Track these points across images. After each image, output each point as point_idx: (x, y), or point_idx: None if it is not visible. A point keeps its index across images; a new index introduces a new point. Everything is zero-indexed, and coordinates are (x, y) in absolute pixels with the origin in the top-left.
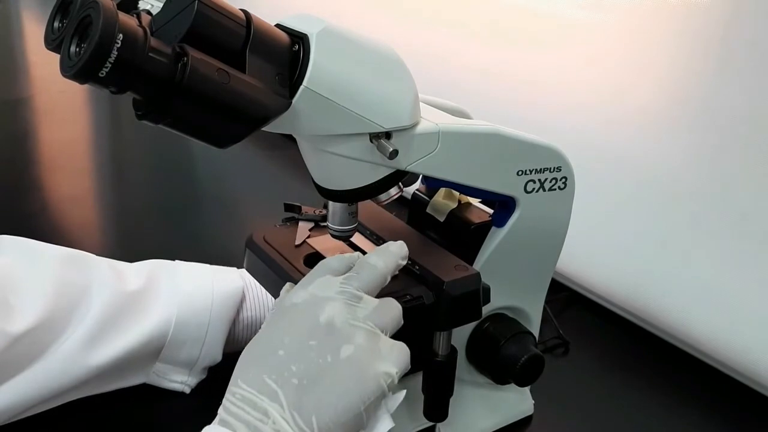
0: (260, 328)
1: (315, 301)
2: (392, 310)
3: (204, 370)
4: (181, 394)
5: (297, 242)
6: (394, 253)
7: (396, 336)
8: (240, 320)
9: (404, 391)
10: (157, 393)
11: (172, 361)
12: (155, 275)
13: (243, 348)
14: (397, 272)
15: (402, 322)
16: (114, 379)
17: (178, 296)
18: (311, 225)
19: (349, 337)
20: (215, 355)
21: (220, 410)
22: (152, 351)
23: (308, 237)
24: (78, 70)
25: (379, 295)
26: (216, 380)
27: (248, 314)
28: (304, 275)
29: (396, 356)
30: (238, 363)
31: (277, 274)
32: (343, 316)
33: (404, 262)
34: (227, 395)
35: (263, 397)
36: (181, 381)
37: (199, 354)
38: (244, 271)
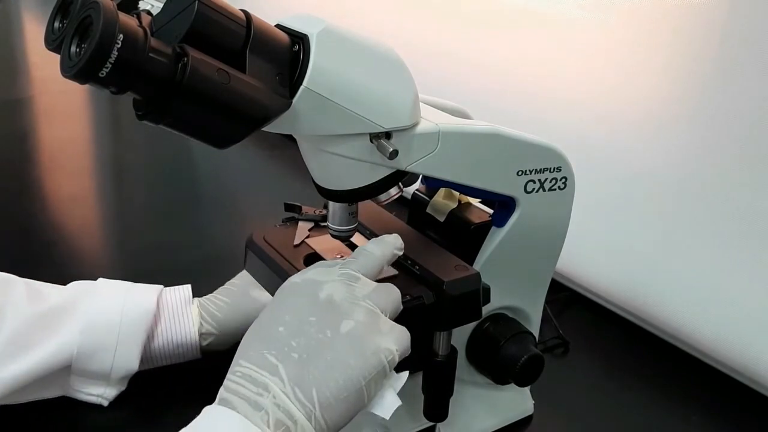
0: (175, 347)
1: (315, 281)
2: (391, 293)
3: (121, 382)
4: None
5: (296, 242)
6: (390, 243)
7: None
8: (155, 337)
9: (407, 372)
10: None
11: (83, 372)
12: (73, 295)
13: (160, 364)
14: (392, 261)
15: (401, 306)
16: (28, 392)
17: (88, 313)
18: (311, 225)
19: (348, 313)
20: (129, 365)
21: (221, 390)
22: (61, 365)
23: (307, 237)
24: (78, 71)
25: None
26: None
27: (164, 331)
28: None
29: (397, 335)
30: (240, 345)
31: (277, 274)
32: (342, 294)
33: (400, 253)
34: (228, 375)
35: (263, 372)
36: (98, 394)
37: (111, 365)
38: (166, 291)
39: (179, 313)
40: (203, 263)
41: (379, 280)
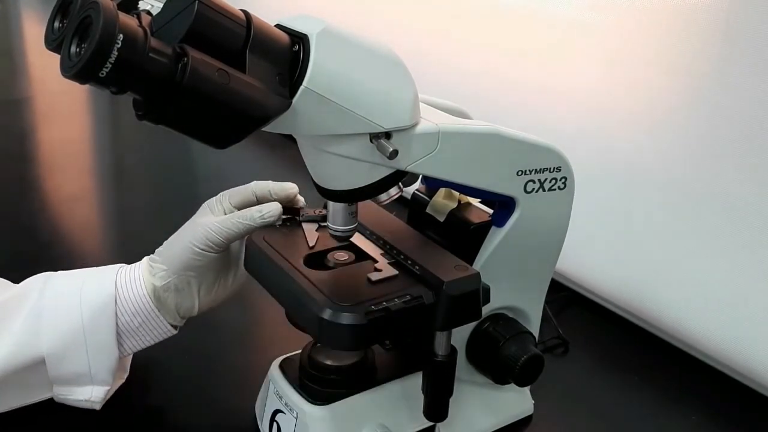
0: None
1: None
2: None
3: (106, 378)
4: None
5: (311, 244)
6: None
7: (397, 336)
8: (119, 327)
9: None
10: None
11: (62, 379)
12: (24, 292)
13: (141, 345)
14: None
15: None
16: (5, 396)
17: (44, 312)
18: (316, 225)
19: None
20: (109, 364)
21: None
22: (22, 365)
23: (318, 238)
24: (78, 71)
25: (378, 291)
26: None
27: (123, 319)
28: (304, 275)
29: None
30: None
31: (277, 274)
32: None
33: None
34: None
35: None
36: (86, 399)
37: (88, 366)
38: (122, 271)
39: (131, 281)
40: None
41: (379, 281)
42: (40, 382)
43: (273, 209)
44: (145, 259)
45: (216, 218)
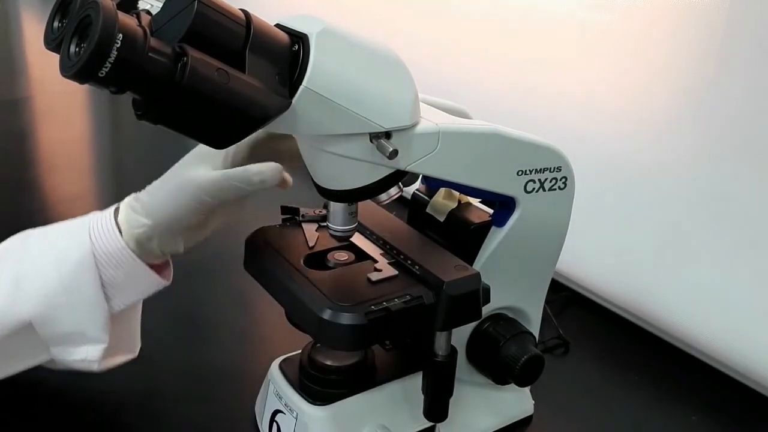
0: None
1: None
2: None
3: (101, 338)
4: None
5: (310, 244)
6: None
7: (397, 336)
8: (104, 281)
9: None
10: None
11: (54, 341)
12: (2, 254)
13: (128, 299)
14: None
15: None
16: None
17: (21, 274)
18: (316, 225)
19: None
20: (100, 320)
21: None
22: (10, 331)
23: (318, 238)
24: (78, 70)
25: (378, 292)
26: None
27: (107, 273)
28: (304, 275)
29: None
30: None
31: (277, 274)
32: None
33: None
34: None
35: None
36: (82, 359)
37: (77, 325)
38: (95, 222)
39: (106, 233)
40: (203, 263)
41: (379, 281)
42: (36, 344)
43: (274, 172)
44: (124, 206)
45: (208, 175)
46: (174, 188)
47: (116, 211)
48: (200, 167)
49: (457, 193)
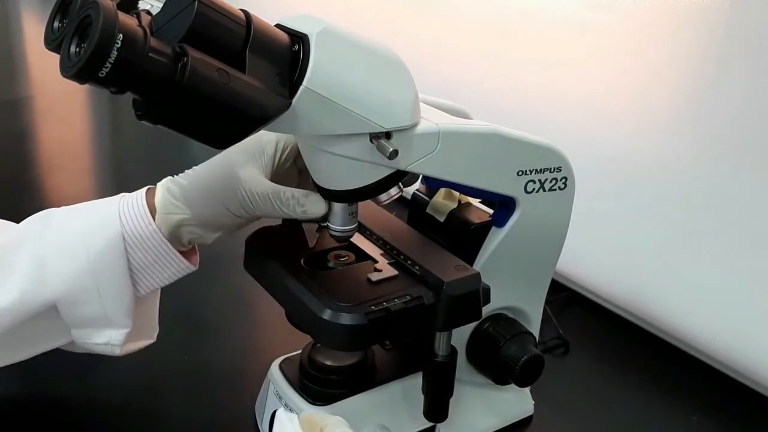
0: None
1: None
2: None
3: (125, 323)
4: None
5: (310, 244)
6: None
7: (397, 336)
8: (132, 264)
9: None
10: None
11: (76, 324)
12: (24, 233)
13: (155, 284)
14: None
15: None
16: (18, 342)
17: (48, 257)
18: (316, 225)
19: None
20: (125, 305)
21: None
22: (34, 314)
23: (318, 238)
24: (78, 70)
25: (378, 292)
26: None
27: (135, 256)
28: (304, 275)
29: None
30: None
31: (277, 274)
32: None
33: None
34: None
35: None
36: (105, 342)
37: (102, 310)
38: (125, 203)
39: (137, 216)
40: (203, 263)
41: (379, 281)
42: (57, 326)
43: (317, 209)
44: (161, 188)
45: (256, 186)
46: (221, 187)
47: (148, 192)
48: (248, 167)
49: (457, 194)
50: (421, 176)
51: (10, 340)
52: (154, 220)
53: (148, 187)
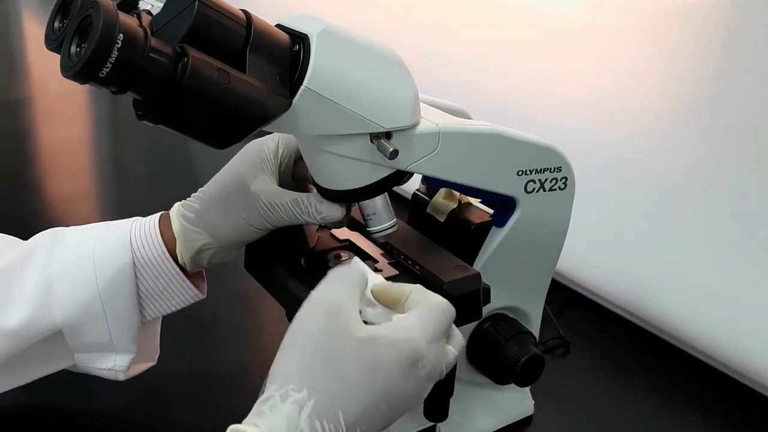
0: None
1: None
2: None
3: (130, 349)
4: None
5: (311, 244)
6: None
7: None
8: (141, 290)
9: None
10: None
11: (81, 349)
12: (31, 254)
13: (164, 310)
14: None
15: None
16: (20, 366)
17: (55, 281)
18: (317, 225)
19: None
20: (131, 331)
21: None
22: (39, 338)
23: (318, 238)
24: (78, 70)
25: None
26: None
27: (145, 282)
28: (304, 275)
29: None
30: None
31: (277, 274)
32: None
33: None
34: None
35: None
36: (109, 368)
37: (108, 336)
38: (137, 228)
39: (149, 242)
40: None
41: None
42: (60, 351)
43: (335, 213)
44: (175, 216)
45: (275, 197)
46: (239, 205)
47: (161, 218)
48: (259, 178)
49: (457, 194)
50: (421, 176)
51: (13, 365)
52: (166, 247)
53: (161, 213)
